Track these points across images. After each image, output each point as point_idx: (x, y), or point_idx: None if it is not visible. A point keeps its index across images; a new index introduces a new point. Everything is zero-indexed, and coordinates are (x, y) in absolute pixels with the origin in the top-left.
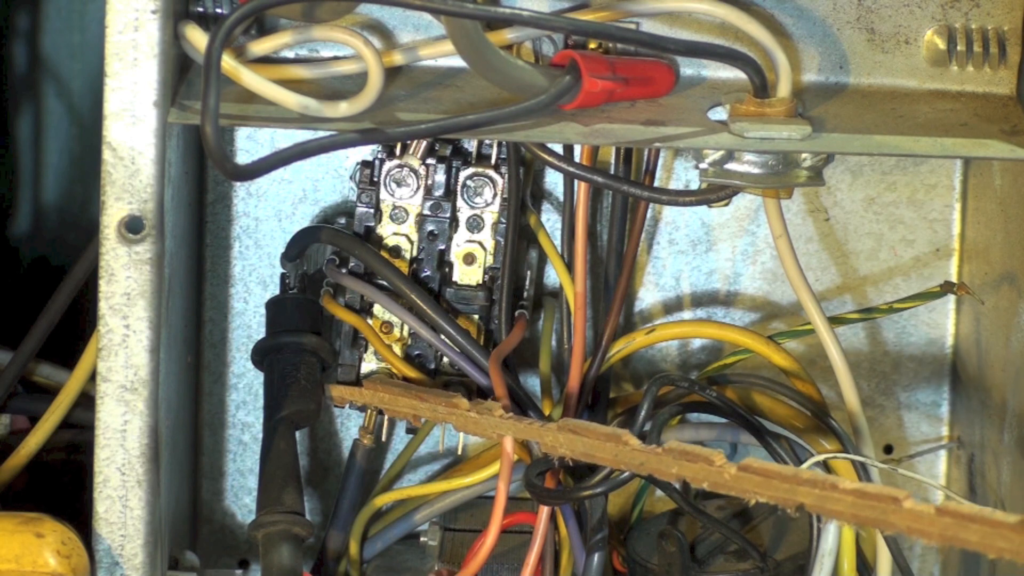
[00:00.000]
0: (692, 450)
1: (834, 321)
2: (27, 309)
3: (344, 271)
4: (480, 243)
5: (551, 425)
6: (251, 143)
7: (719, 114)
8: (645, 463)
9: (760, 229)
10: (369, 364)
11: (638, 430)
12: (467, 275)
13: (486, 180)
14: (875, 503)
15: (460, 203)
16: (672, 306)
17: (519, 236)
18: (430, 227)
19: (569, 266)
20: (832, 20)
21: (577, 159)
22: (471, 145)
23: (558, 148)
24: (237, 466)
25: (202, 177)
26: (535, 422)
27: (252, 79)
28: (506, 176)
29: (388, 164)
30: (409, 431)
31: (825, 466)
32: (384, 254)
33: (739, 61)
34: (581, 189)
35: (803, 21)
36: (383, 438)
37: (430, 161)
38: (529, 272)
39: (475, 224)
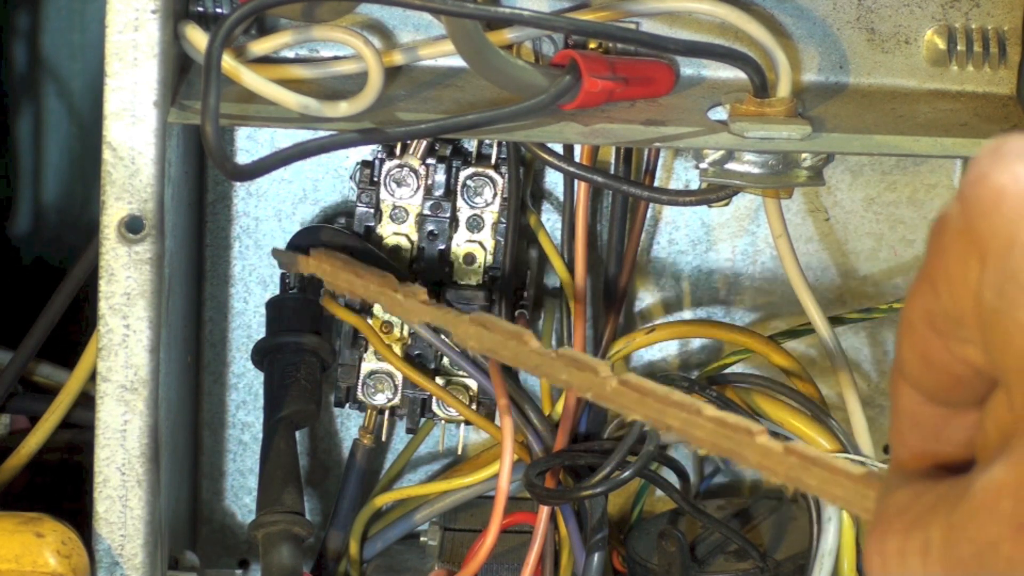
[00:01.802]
0: (582, 358)
1: (834, 321)
2: (27, 309)
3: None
4: (480, 243)
5: (464, 317)
6: (251, 143)
7: (719, 114)
8: (540, 366)
9: (760, 229)
10: (369, 364)
11: (638, 430)
12: (467, 275)
13: (486, 180)
14: (732, 433)
15: (460, 203)
16: (672, 306)
17: (519, 236)
18: (430, 227)
19: (569, 266)
20: (832, 20)
21: (577, 159)
22: (471, 145)
23: (558, 148)
24: (237, 466)
25: (202, 177)
26: (451, 311)
27: (252, 79)
28: (506, 176)
29: (388, 164)
30: (409, 431)
31: None
32: (384, 254)
33: (739, 61)
34: (581, 189)
35: (803, 21)
36: (383, 438)
37: (430, 161)
38: (529, 272)
39: (475, 224)
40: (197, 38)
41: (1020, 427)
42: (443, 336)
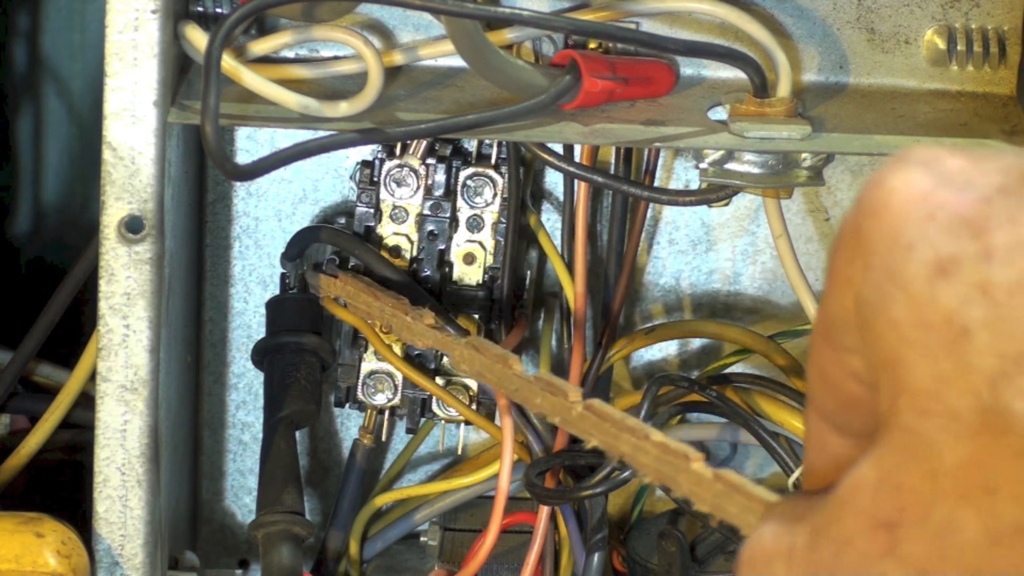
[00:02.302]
0: (555, 383)
1: None
2: (27, 309)
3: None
4: (480, 243)
5: (460, 341)
6: (251, 143)
7: (719, 114)
8: (519, 389)
9: (760, 229)
10: (369, 364)
11: None
12: (467, 275)
13: (486, 180)
14: (671, 459)
15: (460, 203)
16: (672, 306)
17: (519, 236)
18: (430, 227)
19: (569, 266)
20: (832, 20)
21: (577, 159)
22: (471, 145)
23: (558, 148)
24: (237, 466)
25: (202, 177)
26: (450, 335)
27: (252, 79)
28: (506, 176)
29: (388, 164)
30: (409, 431)
31: None
32: (384, 254)
33: (739, 61)
34: (581, 189)
35: (803, 21)
36: (383, 438)
37: (430, 161)
38: (529, 272)
39: (475, 224)
40: (197, 38)
41: (887, 423)
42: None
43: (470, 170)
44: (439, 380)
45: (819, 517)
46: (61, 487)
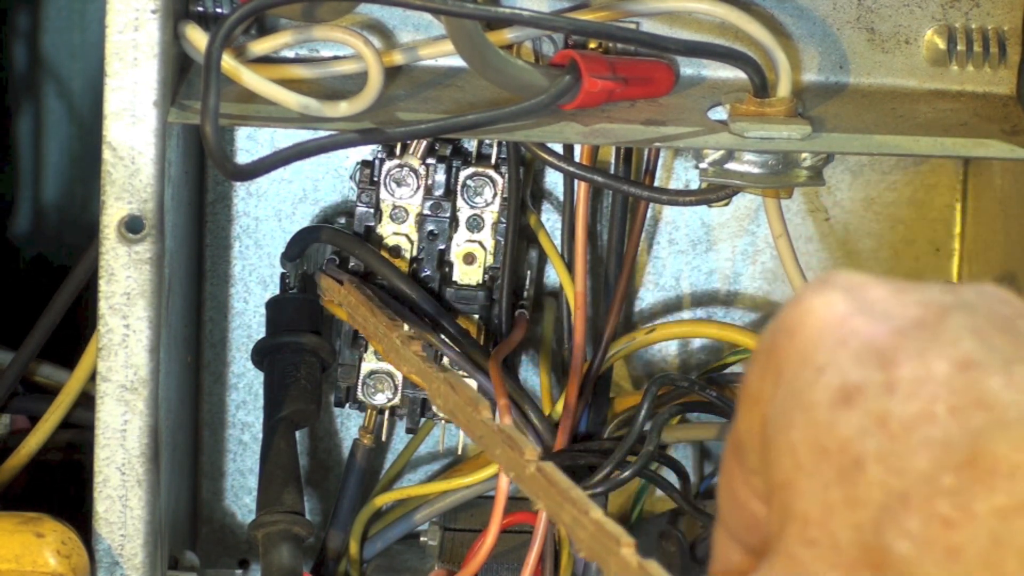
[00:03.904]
0: (515, 437)
1: None
2: (27, 309)
3: (344, 271)
4: (480, 243)
5: (440, 375)
6: (251, 143)
7: (719, 114)
8: (483, 436)
9: (760, 229)
10: (369, 364)
11: (638, 430)
12: (467, 275)
13: (486, 180)
14: (604, 540)
15: (460, 203)
16: (672, 306)
17: (519, 236)
18: (430, 227)
19: (569, 266)
20: (832, 20)
21: (577, 159)
22: (471, 145)
23: (558, 148)
24: (237, 466)
25: (202, 177)
26: (433, 367)
27: (252, 79)
28: (506, 176)
29: (388, 164)
30: (409, 431)
31: None
32: (384, 254)
33: (739, 61)
34: (581, 189)
35: (803, 21)
36: (383, 438)
37: (430, 161)
38: (529, 272)
39: (475, 224)
40: (197, 38)
41: (774, 547)
42: (443, 336)
43: (470, 170)
44: None
45: None
46: (61, 487)
